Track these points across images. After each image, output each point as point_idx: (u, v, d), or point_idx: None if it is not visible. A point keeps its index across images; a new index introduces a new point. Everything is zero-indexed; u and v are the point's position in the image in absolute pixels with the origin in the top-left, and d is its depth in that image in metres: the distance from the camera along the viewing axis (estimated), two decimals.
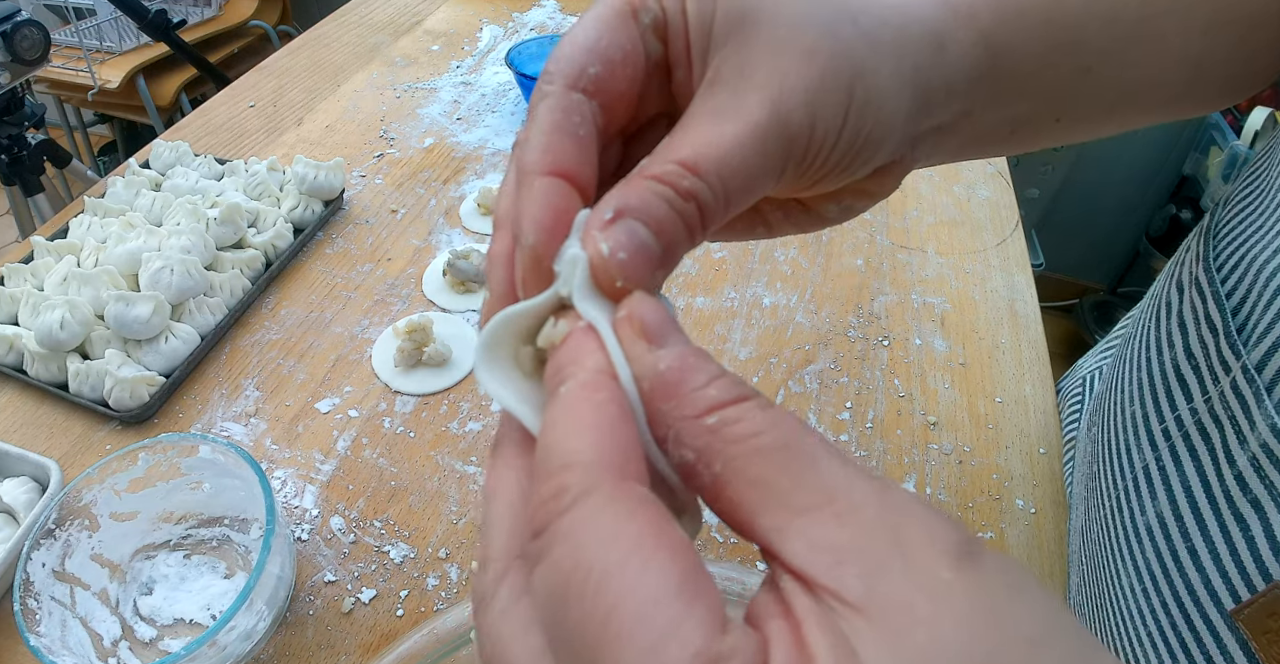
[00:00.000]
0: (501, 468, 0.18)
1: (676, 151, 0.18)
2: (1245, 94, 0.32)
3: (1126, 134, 0.32)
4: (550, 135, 0.19)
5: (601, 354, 0.16)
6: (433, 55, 0.94)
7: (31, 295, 0.54)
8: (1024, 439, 0.53)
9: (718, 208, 0.19)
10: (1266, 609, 0.27)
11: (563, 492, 0.14)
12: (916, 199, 0.75)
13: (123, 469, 0.42)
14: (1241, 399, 0.29)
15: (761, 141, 0.19)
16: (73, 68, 1.64)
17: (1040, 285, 0.67)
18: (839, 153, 0.21)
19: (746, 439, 0.14)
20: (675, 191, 0.18)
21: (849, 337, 0.60)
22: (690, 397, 0.15)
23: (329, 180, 0.67)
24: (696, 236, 0.19)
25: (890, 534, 0.13)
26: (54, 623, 0.37)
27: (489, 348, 0.18)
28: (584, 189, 0.19)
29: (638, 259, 0.17)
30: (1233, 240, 0.33)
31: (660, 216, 0.18)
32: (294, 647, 0.41)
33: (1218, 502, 0.30)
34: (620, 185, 0.18)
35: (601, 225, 0.17)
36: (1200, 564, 0.30)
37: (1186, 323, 0.35)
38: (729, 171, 0.18)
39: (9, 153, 1.18)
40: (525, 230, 0.18)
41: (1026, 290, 0.65)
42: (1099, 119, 0.29)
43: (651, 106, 0.22)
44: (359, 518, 0.47)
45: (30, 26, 1.02)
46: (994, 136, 0.27)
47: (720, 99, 0.19)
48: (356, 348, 0.57)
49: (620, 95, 0.20)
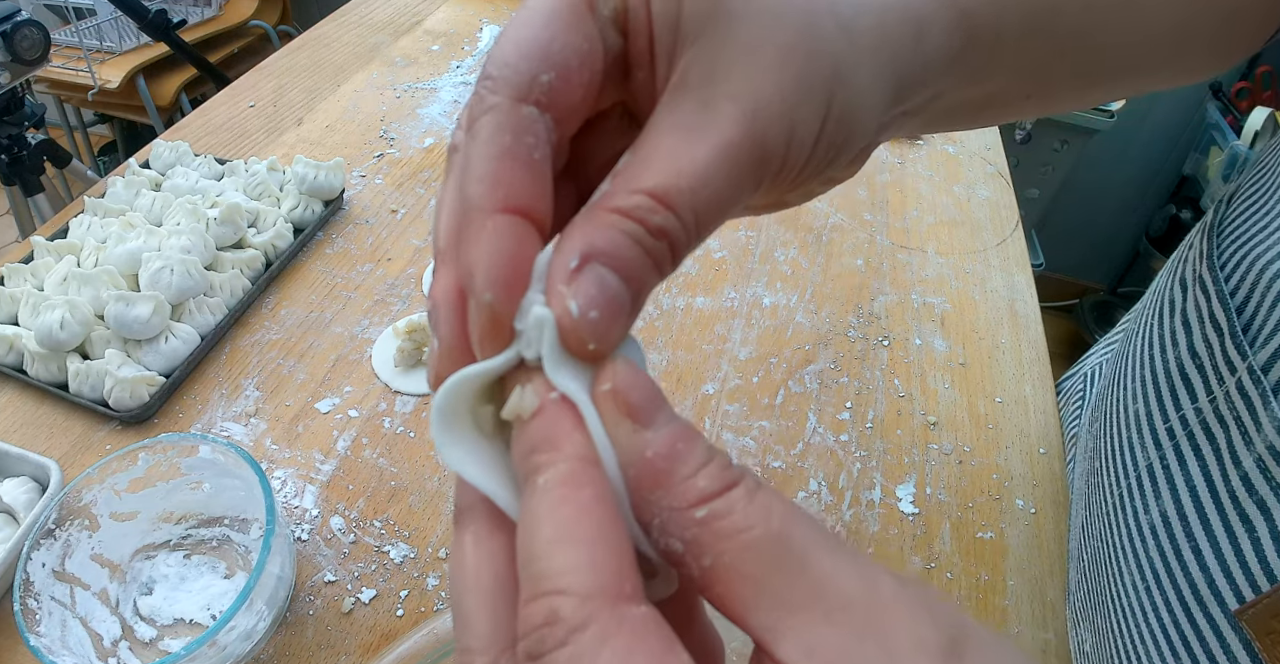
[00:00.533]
0: (471, 547, 0.16)
1: (642, 179, 0.16)
2: (1232, 61, 0.31)
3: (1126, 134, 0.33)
4: (499, 162, 0.16)
5: (580, 434, 0.15)
6: (433, 55, 0.94)
7: (31, 295, 0.54)
8: (1024, 439, 0.53)
9: (689, 242, 0.17)
10: (1270, 610, 0.27)
11: (556, 620, 0.13)
12: (916, 199, 0.75)
13: (123, 469, 0.42)
14: (1248, 400, 0.29)
15: (735, 164, 0.17)
16: (73, 68, 1.64)
17: (1040, 285, 0.67)
18: (814, 163, 0.19)
19: (736, 535, 0.14)
20: (646, 229, 0.16)
21: (849, 336, 0.60)
22: (679, 488, 0.14)
23: (329, 180, 0.67)
24: (666, 273, 0.17)
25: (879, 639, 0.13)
26: (54, 623, 0.37)
27: (445, 413, 0.16)
28: (541, 224, 0.17)
29: (609, 315, 0.16)
30: (1237, 238, 0.33)
31: (629, 260, 0.16)
32: (294, 647, 0.41)
33: (1222, 502, 0.30)
34: (582, 220, 0.16)
35: (567, 277, 0.16)
36: (1204, 564, 0.30)
37: (1190, 321, 0.35)
38: (701, 202, 0.17)
39: (9, 153, 1.18)
40: (479, 284, 0.16)
41: (1026, 290, 0.65)
42: (1075, 94, 0.28)
43: (605, 100, 0.20)
44: (359, 518, 0.47)
45: (30, 26, 1.02)
46: (961, 112, 0.26)
47: (688, 111, 0.17)
48: (356, 348, 0.57)
49: (575, 107, 0.18)
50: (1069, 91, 0.28)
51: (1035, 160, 1.68)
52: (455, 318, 0.17)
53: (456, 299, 0.17)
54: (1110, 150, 1.81)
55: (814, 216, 0.72)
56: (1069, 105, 0.29)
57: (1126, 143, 1.81)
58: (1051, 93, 0.27)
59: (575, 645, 0.13)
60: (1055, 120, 1.58)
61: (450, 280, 0.18)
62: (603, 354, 0.16)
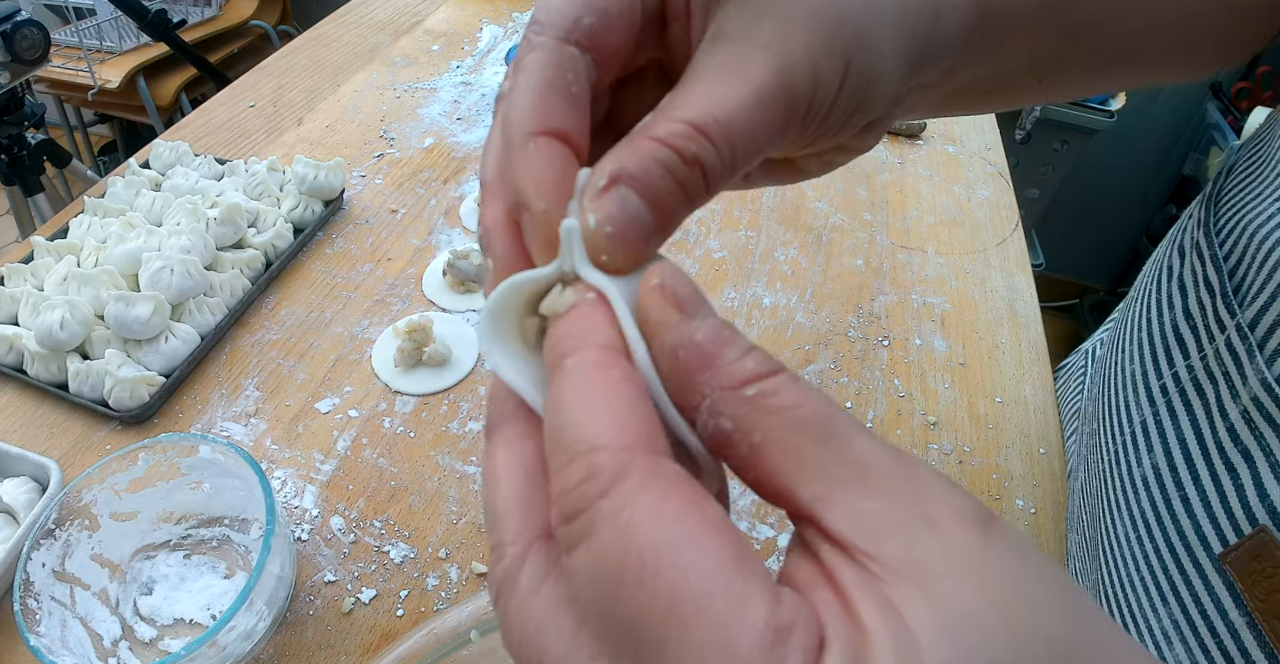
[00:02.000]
0: (502, 449, 0.17)
1: (682, 110, 0.18)
2: (1237, 57, 0.32)
3: (1126, 134, 0.33)
4: (541, 93, 0.18)
5: (611, 329, 0.16)
6: (433, 55, 0.94)
7: (31, 295, 0.54)
8: (1024, 439, 0.53)
9: (724, 173, 0.18)
10: (1251, 552, 0.29)
11: (595, 474, 0.14)
12: (916, 199, 0.75)
13: (123, 469, 0.42)
14: (1235, 356, 0.31)
15: (768, 106, 0.18)
16: (73, 68, 1.64)
17: (1040, 285, 0.67)
18: (834, 118, 0.20)
19: (785, 411, 0.15)
20: (681, 157, 0.17)
21: (849, 337, 0.60)
22: (729, 368, 0.15)
23: (329, 180, 0.67)
24: (699, 203, 0.18)
25: (920, 507, 0.14)
26: (54, 623, 0.37)
27: (494, 317, 0.17)
28: (579, 151, 0.18)
29: (626, 232, 0.17)
30: (1233, 207, 0.35)
31: (657, 186, 0.17)
32: (294, 647, 0.41)
33: (1210, 453, 0.32)
34: (622, 145, 0.17)
35: (595, 195, 0.17)
36: (1191, 511, 0.32)
37: (1186, 285, 0.36)
38: (736, 135, 0.18)
39: (9, 153, 1.18)
40: (532, 196, 0.17)
41: (1026, 290, 0.65)
42: (1083, 81, 0.29)
43: (642, 56, 0.22)
44: (359, 518, 0.47)
45: (30, 26, 1.02)
46: (972, 92, 0.27)
47: (725, 56, 0.19)
48: (356, 348, 0.57)
49: (616, 49, 0.20)
50: (1077, 77, 0.29)
51: (1035, 160, 1.68)
52: (508, 236, 0.19)
53: (507, 221, 0.19)
54: (1110, 150, 1.81)
55: (814, 216, 0.72)
56: (1075, 91, 0.30)
57: (1126, 143, 1.81)
58: (1060, 78, 0.28)
59: (615, 496, 0.13)
60: (1055, 120, 1.58)
61: (498, 206, 0.19)
62: (618, 269, 0.17)
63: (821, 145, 0.22)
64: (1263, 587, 0.28)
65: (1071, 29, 0.26)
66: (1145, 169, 1.86)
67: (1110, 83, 0.30)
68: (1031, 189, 1.73)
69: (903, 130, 0.83)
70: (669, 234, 0.18)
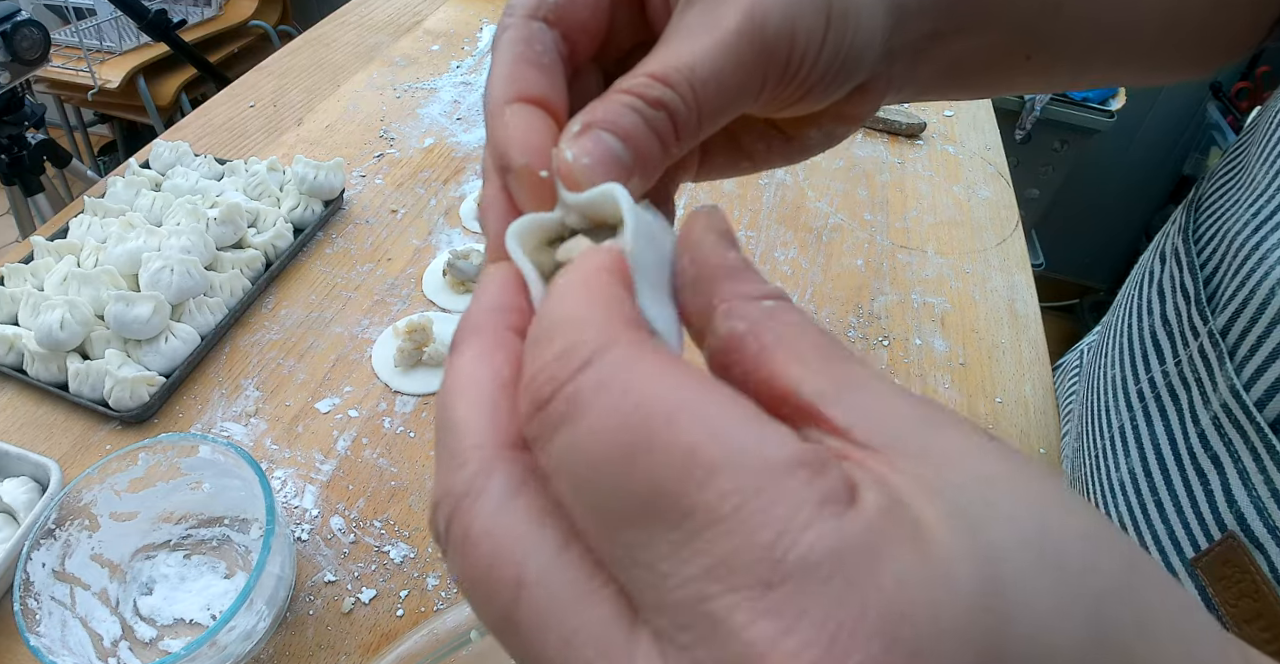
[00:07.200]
0: (470, 359, 0.15)
1: (646, 67, 0.18)
2: (1219, 61, 0.32)
3: (1126, 134, 0.33)
4: (514, 66, 0.19)
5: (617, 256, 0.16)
6: (433, 55, 0.94)
7: (31, 295, 0.54)
8: (1024, 439, 0.53)
9: (690, 117, 0.18)
10: (1221, 557, 0.29)
11: (574, 348, 0.13)
12: (916, 199, 0.75)
13: (123, 469, 0.42)
14: (1207, 362, 0.31)
15: (735, 50, 0.18)
16: (73, 68, 1.64)
17: (1040, 285, 0.67)
18: (822, 66, 0.20)
19: (796, 326, 0.15)
20: (645, 100, 0.18)
21: (849, 337, 0.60)
22: (753, 282, 0.15)
23: (329, 180, 0.67)
24: (671, 146, 0.18)
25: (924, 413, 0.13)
26: (54, 623, 0.37)
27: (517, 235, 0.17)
28: (557, 115, 0.19)
29: (603, 163, 0.17)
30: (1212, 213, 0.35)
31: (627, 125, 0.17)
32: (294, 647, 0.41)
33: (1182, 458, 0.32)
34: (593, 102, 0.18)
35: (571, 139, 0.17)
36: (1165, 516, 0.33)
37: (1164, 291, 0.37)
38: (699, 79, 0.18)
39: (9, 153, 1.18)
40: (513, 154, 0.18)
41: (1026, 290, 0.65)
42: (1071, 66, 0.29)
43: (627, 38, 0.22)
44: (359, 518, 0.47)
45: (30, 26, 1.02)
46: (968, 68, 0.27)
47: (694, 17, 0.19)
48: (356, 348, 0.57)
49: (583, 23, 0.20)
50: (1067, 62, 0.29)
51: (1035, 160, 1.68)
52: (502, 204, 0.19)
53: (501, 194, 0.19)
54: (1110, 150, 1.81)
55: (814, 216, 0.72)
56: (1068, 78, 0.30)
57: (1126, 143, 1.81)
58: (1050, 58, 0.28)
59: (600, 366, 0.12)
60: (1055, 120, 1.58)
61: (496, 184, 0.19)
62: None
63: (815, 101, 0.22)
64: (1232, 591, 0.29)
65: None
66: (1145, 169, 1.86)
67: (1102, 74, 0.30)
68: (1031, 189, 1.73)
69: (903, 130, 0.83)
70: (649, 179, 0.18)
